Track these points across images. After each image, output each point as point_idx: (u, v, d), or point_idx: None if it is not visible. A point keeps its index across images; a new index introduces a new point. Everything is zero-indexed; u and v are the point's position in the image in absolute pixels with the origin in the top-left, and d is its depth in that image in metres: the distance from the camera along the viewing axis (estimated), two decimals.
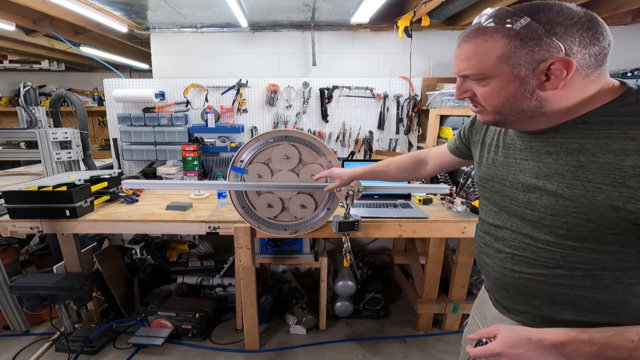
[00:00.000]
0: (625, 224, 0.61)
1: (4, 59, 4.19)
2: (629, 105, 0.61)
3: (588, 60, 0.60)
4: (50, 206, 1.79)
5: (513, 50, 0.61)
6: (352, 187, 1.52)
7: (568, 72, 0.60)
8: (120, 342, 2.19)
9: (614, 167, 0.60)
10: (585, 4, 2.38)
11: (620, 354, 0.60)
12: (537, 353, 0.64)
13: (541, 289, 0.75)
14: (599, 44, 0.59)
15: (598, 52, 0.60)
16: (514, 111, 0.68)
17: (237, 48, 2.91)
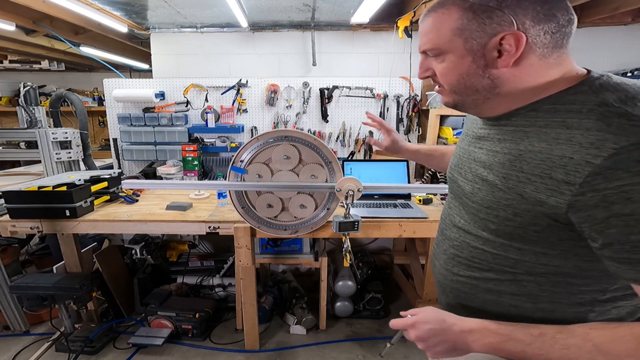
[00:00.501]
0: (547, 221, 0.58)
1: (4, 59, 4.19)
2: (580, 94, 0.56)
3: (543, 37, 0.56)
4: (50, 206, 1.79)
5: (466, 23, 0.58)
6: (352, 187, 1.52)
7: (518, 48, 0.56)
8: (120, 342, 2.19)
9: (545, 156, 0.56)
10: (585, 4, 2.38)
11: (516, 347, 0.60)
12: (443, 334, 0.65)
13: (475, 294, 0.72)
14: (555, 20, 0.56)
15: (555, 29, 0.56)
16: (468, 90, 0.64)
17: (237, 48, 2.91)
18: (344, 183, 1.54)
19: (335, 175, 1.61)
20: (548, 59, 0.58)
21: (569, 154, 0.53)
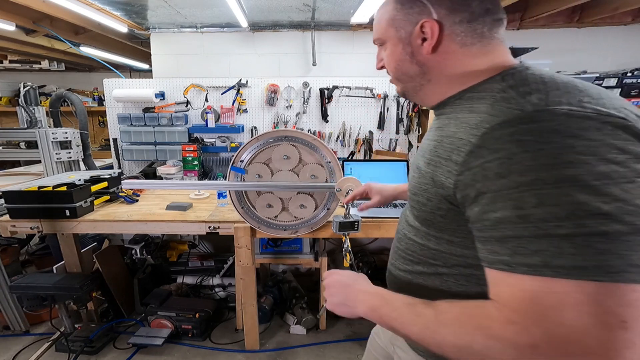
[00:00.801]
0: (446, 204, 0.59)
1: (4, 59, 4.20)
2: (493, 82, 0.57)
3: (459, 26, 0.59)
4: (50, 206, 1.79)
5: (395, 13, 0.64)
6: (352, 187, 1.52)
7: (433, 35, 0.60)
8: (120, 342, 2.19)
9: (452, 140, 0.57)
10: (585, 4, 2.39)
11: (389, 313, 0.61)
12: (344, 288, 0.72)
13: (411, 290, 0.70)
14: (469, 9, 0.59)
15: (470, 18, 0.59)
16: (405, 77, 0.68)
17: (237, 48, 2.92)
18: (344, 183, 1.54)
19: (335, 175, 1.61)
20: (470, 48, 0.60)
21: (462, 136, 0.54)
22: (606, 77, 2.47)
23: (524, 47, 2.25)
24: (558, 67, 2.59)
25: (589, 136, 0.43)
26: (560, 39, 2.76)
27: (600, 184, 0.41)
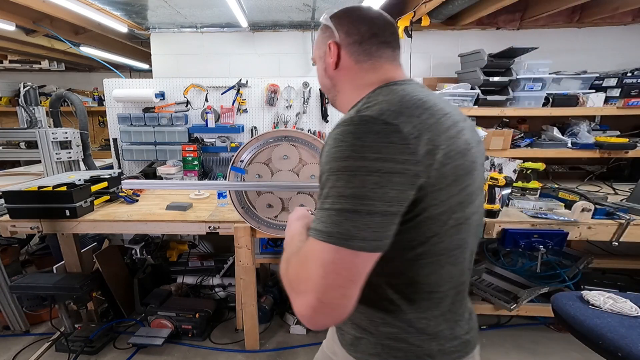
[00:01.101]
0: None
1: (4, 59, 4.19)
2: (365, 98, 0.68)
3: (353, 46, 0.73)
4: (50, 206, 1.79)
5: (318, 37, 0.79)
6: None
7: (333, 53, 0.74)
8: (120, 342, 2.19)
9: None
10: (585, 4, 2.38)
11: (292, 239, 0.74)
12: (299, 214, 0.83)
13: None
14: (359, 34, 0.72)
15: (360, 40, 0.72)
16: (325, 89, 0.83)
17: (237, 48, 2.91)
18: None
19: None
20: (363, 65, 0.73)
21: None
22: (606, 77, 2.47)
23: (524, 47, 2.25)
24: (558, 67, 2.59)
25: (360, 136, 0.56)
26: (560, 39, 2.76)
27: (351, 175, 0.55)
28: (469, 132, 0.67)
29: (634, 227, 1.74)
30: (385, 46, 0.73)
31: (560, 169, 2.84)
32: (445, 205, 0.61)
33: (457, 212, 0.63)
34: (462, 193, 0.63)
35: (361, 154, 0.55)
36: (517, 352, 2.12)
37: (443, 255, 0.65)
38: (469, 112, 2.42)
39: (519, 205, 1.99)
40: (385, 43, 0.73)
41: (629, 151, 2.39)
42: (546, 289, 2.12)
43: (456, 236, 0.65)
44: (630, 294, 1.26)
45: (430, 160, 0.57)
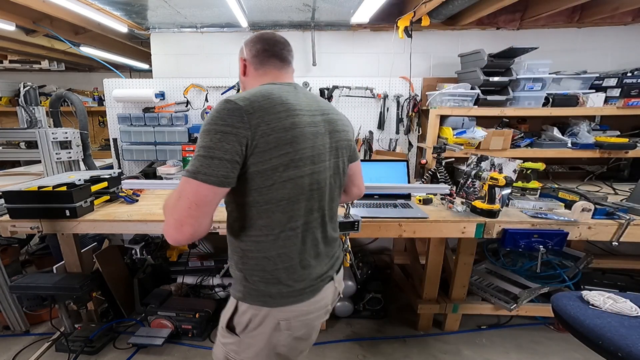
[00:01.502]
0: None
1: (4, 59, 4.19)
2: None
3: (253, 57, 1.02)
4: (50, 206, 1.79)
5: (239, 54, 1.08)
6: None
7: (241, 64, 1.06)
8: (120, 342, 2.19)
9: None
10: (585, 4, 2.38)
11: None
12: None
13: None
14: (256, 49, 1.01)
15: (256, 53, 1.01)
16: (241, 89, 1.10)
17: (237, 48, 2.89)
18: None
19: None
20: (258, 71, 1.03)
21: None
22: (606, 77, 2.47)
23: (524, 47, 2.25)
24: (558, 67, 2.59)
25: (218, 111, 0.83)
26: (560, 39, 2.76)
27: (206, 134, 0.82)
28: (308, 118, 0.92)
29: (634, 227, 1.74)
30: (274, 58, 1.02)
31: (560, 169, 2.84)
32: (268, 164, 0.85)
33: (280, 172, 0.87)
34: (283, 157, 0.87)
35: (215, 121, 0.82)
36: (517, 352, 2.13)
37: (271, 204, 0.89)
38: (469, 112, 2.42)
39: (519, 205, 1.99)
40: (274, 56, 1.01)
41: (629, 151, 2.39)
42: (546, 289, 2.12)
43: (282, 190, 0.88)
44: (630, 294, 1.26)
45: (257, 129, 0.83)
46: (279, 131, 0.85)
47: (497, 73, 2.40)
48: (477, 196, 1.96)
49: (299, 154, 0.89)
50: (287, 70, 1.04)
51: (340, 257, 1.14)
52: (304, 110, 0.93)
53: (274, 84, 0.97)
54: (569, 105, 2.41)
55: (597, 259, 2.49)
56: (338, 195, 1.09)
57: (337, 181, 1.05)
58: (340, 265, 1.14)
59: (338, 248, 1.13)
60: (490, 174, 1.78)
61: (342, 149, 1.04)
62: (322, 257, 1.03)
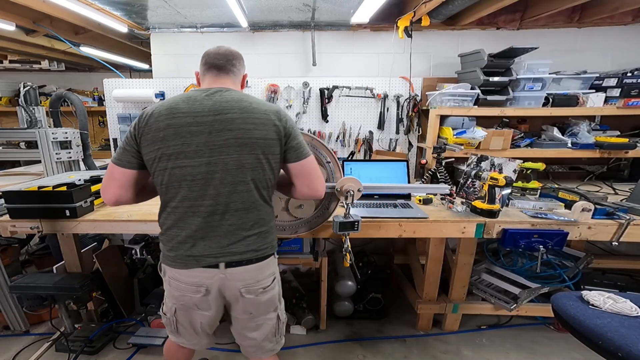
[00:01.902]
0: None
1: (4, 59, 4.20)
2: None
3: (201, 68, 1.27)
4: (50, 206, 1.79)
5: None
6: (352, 187, 1.52)
7: (196, 75, 1.32)
8: (120, 342, 2.19)
9: None
10: (585, 4, 2.39)
11: None
12: None
13: None
14: (201, 63, 1.26)
15: (201, 67, 1.27)
16: None
17: (237, 48, 2.88)
18: (344, 183, 1.54)
19: (335, 175, 1.61)
20: (202, 81, 1.26)
21: None
22: (606, 77, 2.47)
23: (524, 47, 2.25)
24: (558, 67, 2.59)
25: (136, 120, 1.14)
26: (560, 39, 2.77)
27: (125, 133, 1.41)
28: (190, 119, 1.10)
29: (634, 227, 1.74)
30: (212, 69, 1.23)
31: (560, 169, 2.84)
32: (148, 156, 1.12)
33: (156, 163, 1.12)
34: (156, 152, 1.10)
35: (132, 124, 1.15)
36: (517, 352, 2.12)
37: (161, 186, 1.15)
38: (469, 112, 2.42)
39: (519, 205, 1.99)
40: (212, 67, 1.23)
41: (629, 151, 2.39)
42: (546, 289, 2.12)
43: (159, 177, 1.14)
44: (630, 294, 1.26)
45: (144, 129, 1.11)
46: (154, 131, 1.09)
47: (497, 73, 2.40)
48: (477, 196, 1.96)
49: (170, 149, 1.09)
50: (223, 78, 1.22)
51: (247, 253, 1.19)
52: (190, 113, 1.10)
53: (195, 90, 1.18)
54: (569, 105, 2.41)
55: (597, 259, 2.49)
56: (245, 190, 1.15)
57: (233, 177, 1.13)
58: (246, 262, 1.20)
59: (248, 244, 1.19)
60: (490, 174, 1.78)
61: (242, 146, 1.11)
62: (202, 240, 1.16)
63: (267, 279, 1.26)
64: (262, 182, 1.18)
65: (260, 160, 1.14)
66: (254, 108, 1.14)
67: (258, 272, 1.23)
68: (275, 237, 1.31)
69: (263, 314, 1.29)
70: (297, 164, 1.20)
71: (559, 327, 2.30)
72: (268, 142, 1.14)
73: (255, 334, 1.31)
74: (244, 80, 1.35)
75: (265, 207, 1.23)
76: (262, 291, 1.25)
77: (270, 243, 1.26)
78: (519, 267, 2.25)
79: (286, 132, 1.17)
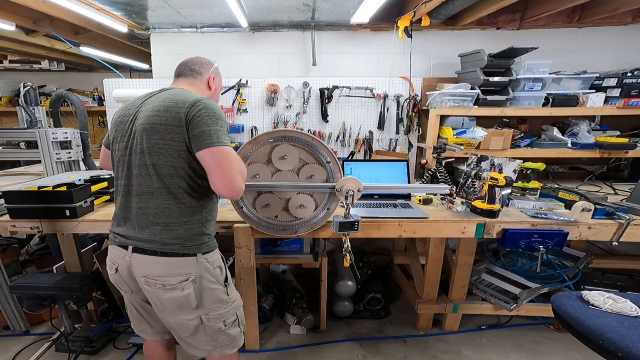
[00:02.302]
0: None
1: (4, 59, 4.19)
2: None
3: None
4: (50, 206, 1.79)
5: None
6: (352, 187, 1.52)
7: None
8: (120, 342, 2.19)
9: None
10: (585, 4, 2.38)
11: None
12: None
13: None
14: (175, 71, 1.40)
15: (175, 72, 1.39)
16: None
17: (237, 48, 2.91)
18: (344, 183, 1.54)
19: (335, 175, 1.61)
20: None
21: None
22: (606, 77, 2.47)
23: (524, 47, 2.25)
24: (558, 67, 2.59)
25: None
26: (560, 39, 2.76)
27: None
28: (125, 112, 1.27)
29: (634, 227, 1.74)
30: (174, 76, 1.38)
31: (560, 169, 2.85)
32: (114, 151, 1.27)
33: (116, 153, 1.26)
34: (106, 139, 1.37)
35: None
36: (517, 352, 2.12)
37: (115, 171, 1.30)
38: (469, 112, 2.42)
39: (519, 205, 1.99)
40: (175, 74, 1.38)
41: (629, 151, 2.39)
42: (546, 289, 2.12)
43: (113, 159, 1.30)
44: (630, 294, 1.26)
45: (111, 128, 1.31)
46: (115, 128, 1.28)
47: (497, 73, 2.40)
48: (477, 196, 1.96)
49: (111, 136, 1.30)
50: (179, 80, 1.36)
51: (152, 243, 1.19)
52: (129, 106, 1.26)
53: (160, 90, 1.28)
54: (569, 105, 2.41)
55: (597, 259, 2.49)
56: (146, 174, 1.18)
57: (139, 160, 1.18)
58: (150, 253, 1.19)
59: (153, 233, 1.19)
60: (490, 174, 1.78)
61: (144, 132, 1.16)
62: (123, 221, 1.25)
63: (171, 278, 1.19)
64: (165, 168, 1.15)
65: (159, 145, 1.14)
66: (173, 99, 1.17)
67: (161, 267, 1.19)
68: (194, 237, 1.22)
69: (173, 312, 1.24)
70: (200, 153, 1.12)
71: (559, 327, 2.30)
72: (165, 128, 1.13)
73: (174, 327, 1.31)
74: (209, 82, 1.39)
75: (172, 199, 1.18)
76: (161, 287, 1.19)
77: (180, 241, 1.19)
78: (519, 267, 2.25)
79: (189, 118, 1.13)
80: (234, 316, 1.34)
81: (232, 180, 1.13)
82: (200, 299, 1.24)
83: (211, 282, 1.26)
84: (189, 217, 1.21)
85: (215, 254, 1.31)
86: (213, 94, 1.41)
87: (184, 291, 1.20)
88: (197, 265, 1.22)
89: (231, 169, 1.13)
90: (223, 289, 1.30)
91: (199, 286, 1.23)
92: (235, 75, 2.86)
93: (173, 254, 1.19)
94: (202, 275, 1.23)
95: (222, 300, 1.30)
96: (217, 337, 1.31)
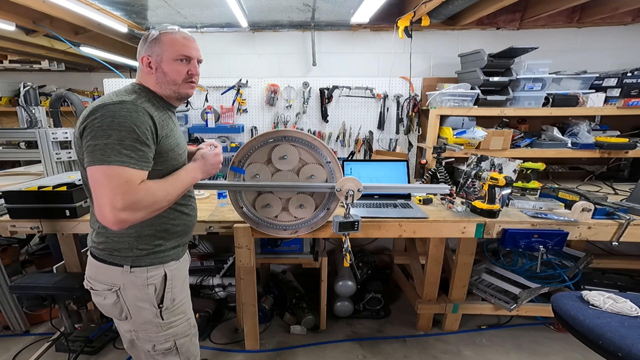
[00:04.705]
0: None
1: (4, 59, 4.19)
2: None
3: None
4: (50, 206, 1.79)
5: None
6: (352, 187, 1.52)
7: None
8: (120, 342, 2.18)
9: None
10: (585, 4, 2.39)
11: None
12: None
13: None
14: None
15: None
16: None
17: (237, 48, 2.91)
18: (344, 183, 1.54)
19: (335, 175, 1.61)
20: None
21: None
22: (606, 77, 2.47)
23: (524, 47, 2.25)
24: (558, 67, 2.59)
25: None
26: (560, 39, 2.77)
27: None
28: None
29: (634, 227, 1.74)
30: None
31: (560, 169, 2.85)
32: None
33: None
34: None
35: None
36: (517, 352, 2.12)
37: None
38: (469, 112, 2.42)
39: (519, 205, 1.99)
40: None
41: (629, 151, 2.39)
42: (546, 289, 2.12)
43: None
44: (630, 294, 1.26)
45: None
46: None
47: (497, 73, 2.40)
48: (477, 196, 1.96)
49: None
50: None
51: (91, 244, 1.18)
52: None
53: None
54: (569, 105, 2.41)
55: (597, 259, 2.49)
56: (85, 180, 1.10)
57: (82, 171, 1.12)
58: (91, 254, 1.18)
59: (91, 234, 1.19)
60: (490, 174, 1.78)
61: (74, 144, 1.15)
62: None
63: (97, 283, 1.15)
64: (85, 180, 1.09)
65: (79, 158, 1.08)
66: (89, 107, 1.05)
67: (92, 269, 1.17)
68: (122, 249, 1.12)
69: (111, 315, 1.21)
70: (86, 170, 0.99)
71: (559, 327, 2.30)
72: (76, 140, 1.07)
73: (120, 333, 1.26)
74: (144, 63, 1.27)
75: None
76: (91, 289, 1.19)
77: (104, 249, 1.13)
78: (519, 267, 2.25)
79: (82, 131, 0.99)
80: (169, 343, 1.20)
81: (101, 208, 0.93)
82: (129, 313, 1.16)
83: (138, 299, 1.14)
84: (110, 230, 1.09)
85: (149, 271, 1.14)
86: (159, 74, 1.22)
87: (106, 300, 1.15)
88: (123, 277, 1.13)
89: (102, 195, 0.93)
90: (154, 310, 1.16)
91: (124, 299, 1.14)
92: (235, 75, 2.86)
93: (101, 260, 1.14)
94: (127, 289, 1.13)
95: (152, 322, 1.17)
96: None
